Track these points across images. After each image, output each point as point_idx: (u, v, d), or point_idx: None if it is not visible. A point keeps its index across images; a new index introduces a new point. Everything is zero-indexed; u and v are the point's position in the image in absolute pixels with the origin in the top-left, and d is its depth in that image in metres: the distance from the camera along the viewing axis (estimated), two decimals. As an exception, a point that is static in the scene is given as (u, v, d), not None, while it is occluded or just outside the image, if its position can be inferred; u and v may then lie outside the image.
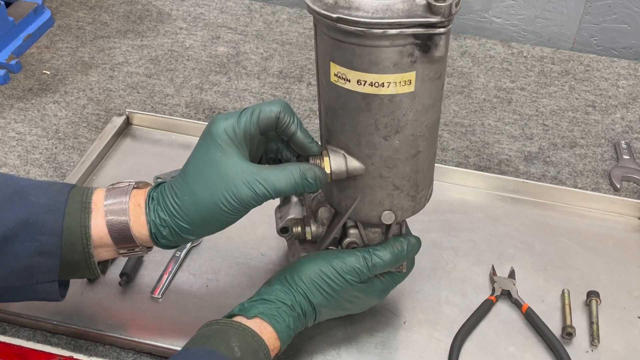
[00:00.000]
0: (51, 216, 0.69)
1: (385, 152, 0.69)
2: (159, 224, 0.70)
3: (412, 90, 0.65)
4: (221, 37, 1.37)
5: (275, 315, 0.72)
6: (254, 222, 0.98)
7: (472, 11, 1.41)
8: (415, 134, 0.69)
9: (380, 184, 0.71)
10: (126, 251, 0.72)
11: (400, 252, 0.76)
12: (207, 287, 0.89)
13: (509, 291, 0.90)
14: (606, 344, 0.85)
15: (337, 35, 0.63)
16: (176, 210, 0.69)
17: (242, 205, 0.69)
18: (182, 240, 0.72)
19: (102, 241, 0.71)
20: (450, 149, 1.14)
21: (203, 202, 0.69)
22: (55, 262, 0.70)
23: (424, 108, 0.68)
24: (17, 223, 0.69)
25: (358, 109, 0.67)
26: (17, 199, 0.70)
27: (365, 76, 0.64)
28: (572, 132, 1.19)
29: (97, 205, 0.71)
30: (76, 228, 0.69)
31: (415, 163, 0.71)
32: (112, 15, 1.42)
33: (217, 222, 0.70)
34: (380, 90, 0.65)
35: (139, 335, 0.82)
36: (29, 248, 0.69)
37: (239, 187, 0.68)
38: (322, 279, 0.74)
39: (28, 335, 0.84)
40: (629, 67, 1.35)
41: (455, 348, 0.83)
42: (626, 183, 1.09)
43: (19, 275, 0.70)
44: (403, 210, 0.75)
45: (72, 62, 1.29)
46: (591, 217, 1.03)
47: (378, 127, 0.67)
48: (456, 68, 1.32)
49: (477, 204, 1.04)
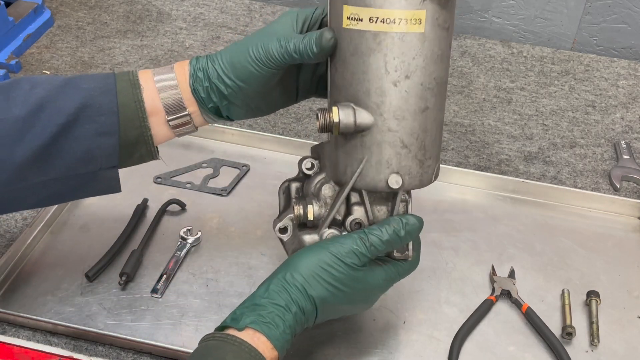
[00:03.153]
0: (105, 97, 0.73)
1: (394, 101, 0.70)
2: (199, 74, 0.76)
3: (422, 32, 0.68)
4: (221, 37, 1.37)
5: (268, 323, 0.68)
6: (254, 222, 0.98)
7: (472, 11, 1.41)
8: (425, 84, 0.70)
9: (388, 140, 0.71)
10: (177, 123, 0.77)
11: (398, 230, 0.73)
12: (207, 287, 0.89)
13: (509, 291, 0.90)
14: (606, 344, 0.85)
15: None
16: (213, 61, 0.76)
17: (267, 54, 0.73)
18: (222, 100, 0.76)
19: (155, 111, 0.75)
20: (450, 149, 1.14)
21: (236, 51, 0.75)
22: (114, 142, 0.74)
23: (433, 57, 0.70)
24: (76, 108, 0.73)
25: (369, 50, 0.69)
26: (70, 88, 0.74)
27: (377, 12, 0.67)
28: (572, 132, 1.19)
29: (145, 80, 0.76)
30: (130, 103, 0.74)
31: (424, 120, 0.72)
32: (112, 15, 1.42)
33: (248, 76, 0.74)
34: (392, 28, 0.68)
35: (139, 335, 0.82)
36: (90, 130, 0.73)
37: (271, 39, 0.74)
38: (321, 267, 0.71)
39: (28, 335, 0.84)
40: (629, 67, 1.35)
41: (455, 348, 0.83)
42: (626, 183, 1.09)
43: (83, 161, 0.74)
44: (411, 176, 0.73)
45: (72, 62, 1.29)
46: (591, 217, 1.03)
47: (388, 70, 0.69)
48: (456, 68, 1.32)
49: (477, 204, 1.04)
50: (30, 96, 0.73)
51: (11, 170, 0.72)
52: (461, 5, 1.40)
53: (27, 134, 0.72)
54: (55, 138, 0.72)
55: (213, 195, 1.02)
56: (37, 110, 0.72)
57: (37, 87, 0.74)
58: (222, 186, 1.03)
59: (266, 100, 0.79)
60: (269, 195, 1.02)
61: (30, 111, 0.72)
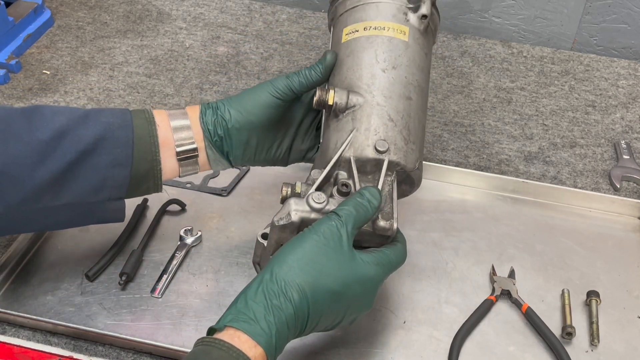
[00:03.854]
0: (123, 132, 0.79)
1: (383, 83, 0.81)
2: (209, 110, 0.84)
3: (406, 40, 0.83)
4: (221, 37, 1.37)
5: (247, 320, 0.66)
6: (253, 222, 0.98)
7: (472, 11, 1.41)
8: (408, 78, 0.82)
9: (377, 112, 0.79)
10: (185, 156, 0.83)
11: (360, 196, 0.73)
12: (207, 287, 0.89)
13: (509, 291, 0.90)
14: (606, 344, 0.85)
15: (353, 4, 0.85)
16: (222, 101, 0.86)
17: (273, 85, 0.84)
18: (226, 132, 0.83)
19: (167, 145, 0.82)
20: (450, 149, 1.14)
21: (243, 93, 0.85)
22: (126, 173, 0.79)
23: (415, 63, 0.83)
24: (95, 138, 0.78)
25: (362, 48, 0.83)
26: (90, 120, 0.79)
27: (372, 23, 0.83)
28: (572, 132, 1.19)
29: (160, 118, 0.82)
30: (145, 138, 0.81)
31: (408, 107, 0.81)
32: (112, 15, 1.42)
33: (252, 105, 0.84)
34: (382, 32, 0.83)
35: (139, 335, 0.82)
36: (105, 160, 0.78)
37: (274, 79, 0.85)
38: (300, 254, 0.69)
39: (28, 335, 0.84)
40: (629, 67, 1.35)
41: (455, 348, 0.83)
42: (626, 183, 1.09)
43: (95, 189, 0.79)
44: (396, 147, 0.78)
45: (72, 62, 1.29)
46: (591, 217, 1.03)
47: (378, 60, 0.82)
48: (456, 68, 1.32)
49: (477, 204, 1.04)
50: (53, 122, 0.77)
51: (28, 190, 0.76)
52: (461, 5, 1.40)
53: (47, 158, 0.76)
54: (73, 164, 0.77)
55: (213, 195, 1.02)
56: (59, 137, 0.77)
57: (59, 115, 0.78)
58: (222, 186, 1.03)
59: (264, 143, 0.86)
60: (269, 195, 1.02)
61: (52, 136, 0.76)
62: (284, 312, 0.67)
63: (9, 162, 0.75)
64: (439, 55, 1.35)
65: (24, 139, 0.76)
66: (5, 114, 0.78)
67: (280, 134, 0.88)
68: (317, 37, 1.38)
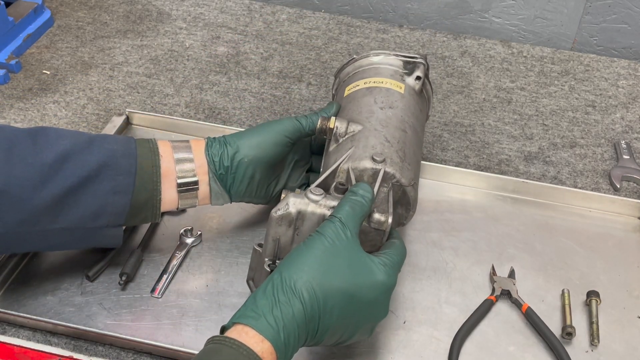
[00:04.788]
0: (126, 160, 0.80)
1: (380, 116, 0.87)
2: (215, 143, 0.86)
3: (402, 93, 0.91)
4: (221, 37, 1.37)
5: (254, 316, 0.66)
6: (254, 222, 0.98)
7: (472, 11, 1.41)
8: (404, 117, 0.88)
9: (374, 135, 0.84)
10: (185, 188, 0.84)
11: (353, 194, 0.75)
12: (207, 287, 0.89)
13: (509, 291, 0.90)
14: (606, 344, 0.85)
15: (355, 70, 0.96)
16: (232, 135, 0.88)
17: (281, 124, 0.88)
18: (232, 164, 0.85)
19: (168, 176, 0.83)
20: (450, 149, 1.14)
21: (255, 130, 0.89)
22: (126, 201, 0.80)
23: (410, 110, 0.90)
24: (98, 165, 0.79)
25: (362, 95, 0.91)
26: (95, 146, 0.80)
27: (371, 79, 0.93)
28: (572, 132, 1.19)
29: (164, 149, 0.84)
30: (148, 168, 0.81)
31: (404, 137, 0.86)
32: (112, 15, 1.42)
33: (260, 142, 0.87)
34: (380, 84, 0.92)
35: (139, 335, 0.82)
36: (107, 187, 0.79)
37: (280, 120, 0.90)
38: (306, 253, 0.70)
39: (28, 335, 0.84)
40: (629, 67, 1.35)
41: (455, 348, 0.83)
42: (626, 183, 1.09)
43: (94, 215, 0.79)
44: (392, 162, 0.82)
45: (72, 62, 1.29)
46: (591, 217, 1.03)
47: (376, 102, 0.89)
48: (456, 68, 1.32)
49: (477, 204, 1.04)
50: (58, 145, 0.78)
51: (28, 212, 0.76)
52: (461, 5, 1.40)
53: (50, 180, 0.76)
54: (74, 189, 0.77)
55: (213, 195, 1.02)
56: (62, 160, 0.77)
57: (64, 139, 0.79)
58: (222, 186, 1.03)
59: (266, 179, 0.89)
60: (269, 195, 1.02)
61: (56, 159, 0.77)
62: (292, 309, 0.67)
63: (12, 182, 0.75)
64: (439, 55, 1.35)
65: (28, 160, 0.76)
66: (12, 134, 0.78)
67: (278, 172, 0.92)
68: (317, 37, 1.38)
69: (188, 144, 0.86)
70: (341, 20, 1.44)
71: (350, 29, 1.42)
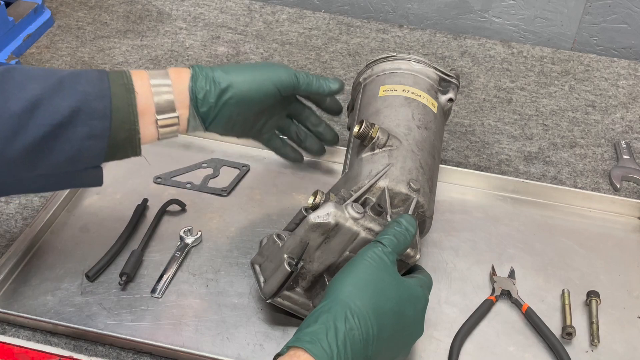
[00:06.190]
0: (100, 102, 0.75)
1: (417, 136, 0.88)
2: (201, 77, 0.81)
3: (435, 112, 0.93)
4: (221, 37, 1.37)
5: (310, 340, 0.65)
6: (253, 222, 0.98)
7: (472, 11, 1.41)
8: (435, 142, 0.91)
9: (411, 157, 0.86)
10: (165, 123, 0.80)
11: (398, 225, 0.75)
12: (207, 287, 0.89)
13: (509, 291, 0.90)
14: (606, 344, 0.85)
15: (393, 70, 0.96)
16: (222, 70, 0.83)
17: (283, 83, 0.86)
18: (218, 101, 0.82)
19: (146, 111, 0.78)
20: (450, 149, 1.14)
21: (249, 72, 0.84)
22: (103, 145, 0.76)
23: (438, 133, 0.93)
24: (70, 110, 0.74)
25: (400, 104, 0.91)
26: (65, 89, 0.74)
27: (409, 88, 0.93)
28: (572, 132, 1.19)
29: (140, 83, 0.78)
30: (124, 107, 0.77)
31: (432, 164, 0.88)
32: (112, 15, 1.42)
33: (260, 90, 0.84)
34: (419, 98, 0.92)
35: (139, 336, 0.82)
36: (82, 132, 0.74)
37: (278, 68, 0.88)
38: (356, 278, 0.71)
39: (28, 335, 0.84)
40: (629, 67, 1.35)
41: (455, 348, 0.83)
42: (626, 183, 1.09)
43: (70, 160, 0.76)
44: (424, 191, 0.84)
45: (72, 62, 1.29)
46: (591, 217, 1.03)
47: (414, 117, 0.90)
48: (456, 68, 1.32)
49: (477, 204, 1.04)
50: (26, 92, 0.73)
51: (1, 164, 0.73)
52: (461, 5, 1.40)
53: (20, 132, 0.72)
54: (47, 138, 0.73)
55: (213, 195, 1.02)
56: (32, 108, 0.72)
57: (32, 82, 0.74)
58: (222, 186, 1.03)
59: (246, 121, 0.88)
60: (269, 195, 1.02)
61: (25, 108, 0.72)
62: (347, 334, 0.67)
63: None
64: (439, 55, 1.35)
65: None
66: None
67: (260, 117, 0.90)
68: (317, 37, 1.38)
69: (166, 72, 0.81)
70: (341, 20, 1.44)
71: (350, 29, 1.42)
